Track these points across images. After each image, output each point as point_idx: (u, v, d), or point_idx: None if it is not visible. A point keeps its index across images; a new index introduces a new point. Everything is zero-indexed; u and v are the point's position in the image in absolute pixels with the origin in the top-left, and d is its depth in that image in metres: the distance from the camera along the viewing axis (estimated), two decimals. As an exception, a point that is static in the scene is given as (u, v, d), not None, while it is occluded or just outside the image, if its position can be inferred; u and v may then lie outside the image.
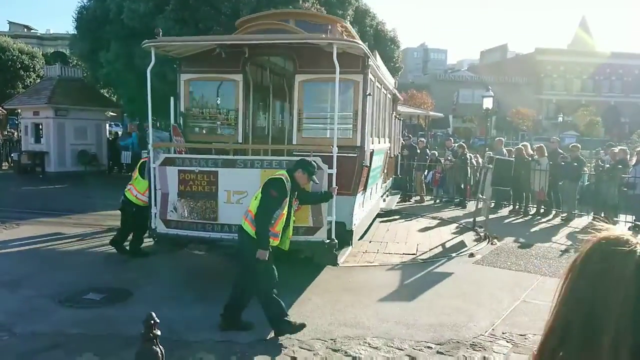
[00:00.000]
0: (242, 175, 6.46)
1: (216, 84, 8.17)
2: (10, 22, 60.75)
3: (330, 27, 8.80)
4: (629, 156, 13.36)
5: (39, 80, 25.76)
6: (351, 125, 7.47)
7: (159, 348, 2.95)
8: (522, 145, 14.54)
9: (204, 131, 8.24)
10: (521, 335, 5.40)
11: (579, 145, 14.14)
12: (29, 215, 11.50)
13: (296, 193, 5.59)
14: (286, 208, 5.35)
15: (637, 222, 11.49)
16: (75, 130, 20.42)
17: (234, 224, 6.16)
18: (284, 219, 5.36)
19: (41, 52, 35.10)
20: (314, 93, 7.83)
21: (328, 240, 6.40)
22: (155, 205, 6.73)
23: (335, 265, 6.71)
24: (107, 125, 23.90)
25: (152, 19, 18.07)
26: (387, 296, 6.63)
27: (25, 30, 60.93)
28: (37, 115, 20.21)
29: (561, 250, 9.35)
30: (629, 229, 11.37)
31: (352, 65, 7.25)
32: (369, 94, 7.43)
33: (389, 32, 23.37)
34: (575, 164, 12.77)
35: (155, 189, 6.73)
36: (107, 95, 24.99)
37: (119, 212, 12.44)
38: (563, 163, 13.01)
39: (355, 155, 7.10)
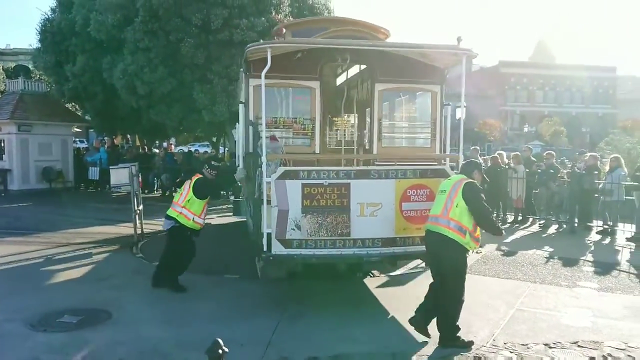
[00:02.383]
0: (376, 186, 6.04)
1: (289, 91, 7.70)
2: (-33, 37, 58.74)
3: (375, 35, 8.41)
4: (599, 163, 13.59)
5: (0, 95, 24.83)
6: (429, 135, 7.61)
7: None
8: (497, 154, 14.64)
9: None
10: (523, 344, 5.25)
11: (553, 152, 14.33)
12: (-7, 235, 10.89)
13: None
14: None
15: (615, 228, 11.62)
16: (40, 146, 19.71)
17: (368, 237, 5.97)
18: None
19: (1, 67, 34.00)
20: (393, 102, 7.88)
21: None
22: (270, 224, 5.88)
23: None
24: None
25: (121, 30, 17.66)
26: (382, 309, 6.42)
27: (-16, 45, 58.96)
28: (-2, 131, 19.43)
29: (546, 257, 9.32)
30: (606, 233, 11.51)
31: (430, 75, 7.45)
32: (448, 104, 7.52)
33: (360, 44, 23.47)
34: (552, 171, 12.90)
35: (269, 207, 5.87)
36: (73, 110, 24.26)
37: (89, 229, 12.07)
38: (540, 170, 13.13)
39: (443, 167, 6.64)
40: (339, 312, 6.23)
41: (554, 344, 5.27)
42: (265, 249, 5.85)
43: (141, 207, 9.95)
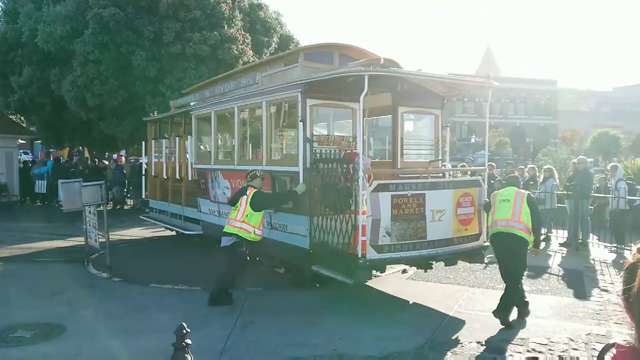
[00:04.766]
0: (442, 195, 7.07)
1: (335, 111, 8.46)
2: None
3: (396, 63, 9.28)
4: (537, 173, 14.49)
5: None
6: (433, 151, 8.93)
7: (190, 356, 3.19)
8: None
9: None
10: (459, 343, 5.71)
11: (493, 164, 15.13)
12: None
13: None
14: None
15: (549, 234, 12.43)
16: (-17, 159, 19.11)
17: (437, 239, 6.95)
18: None
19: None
20: (410, 123, 9.19)
21: (486, 243, 7.44)
22: (364, 232, 6.44)
23: (483, 263, 7.72)
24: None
25: (70, 42, 17.52)
26: (332, 314, 6.75)
27: None
28: (-62, 144, 18.76)
29: (485, 263, 9.88)
30: (542, 240, 12.31)
31: (433, 101, 8.72)
32: (448, 126, 8.82)
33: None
34: (492, 181, 13.65)
35: (364, 216, 6.42)
36: (17, 122, 23.63)
37: (38, 244, 11.87)
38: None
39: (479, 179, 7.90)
40: (291, 318, 6.54)
41: (485, 342, 5.77)
42: (359, 255, 6.32)
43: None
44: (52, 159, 21.21)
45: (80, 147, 26.90)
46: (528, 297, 6.93)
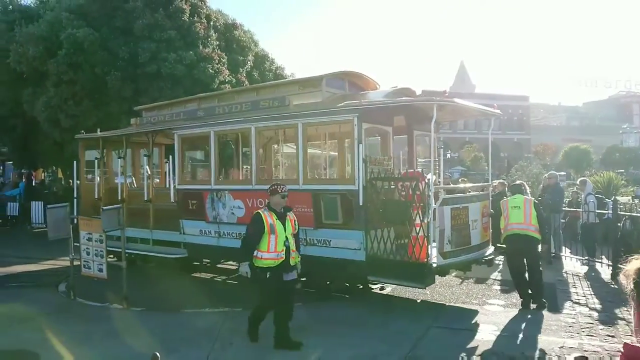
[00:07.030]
0: (476, 206, 8.24)
1: (373, 133, 9.44)
2: None
3: (378, 88, 10.11)
4: (506, 189, 14.74)
5: None
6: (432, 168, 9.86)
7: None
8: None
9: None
10: (437, 358, 5.78)
11: (466, 179, 15.42)
12: None
13: None
14: None
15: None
16: (-48, 181, 18.66)
17: (475, 244, 8.13)
18: None
19: None
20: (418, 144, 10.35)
21: (491, 248, 8.76)
22: (435, 241, 7.36)
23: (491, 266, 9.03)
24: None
25: (43, 63, 17.36)
26: (311, 334, 6.72)
27: None
28: None
29: (460, 279, 10.05)
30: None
31: (428, 123, 9.24)
32: (441, 147, 10.00)
33: (288, 76, 24.25)
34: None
35: (434, 227, 7.29)
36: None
37: (9, 268, 11.59)
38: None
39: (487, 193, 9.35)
40: (270, 339, 6.50)
41: (462, 358, 5.84)
42: (431, 262, 7.23)
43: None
44: (24, 180, 20.86)
45: (54, 168, 26.50)
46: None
